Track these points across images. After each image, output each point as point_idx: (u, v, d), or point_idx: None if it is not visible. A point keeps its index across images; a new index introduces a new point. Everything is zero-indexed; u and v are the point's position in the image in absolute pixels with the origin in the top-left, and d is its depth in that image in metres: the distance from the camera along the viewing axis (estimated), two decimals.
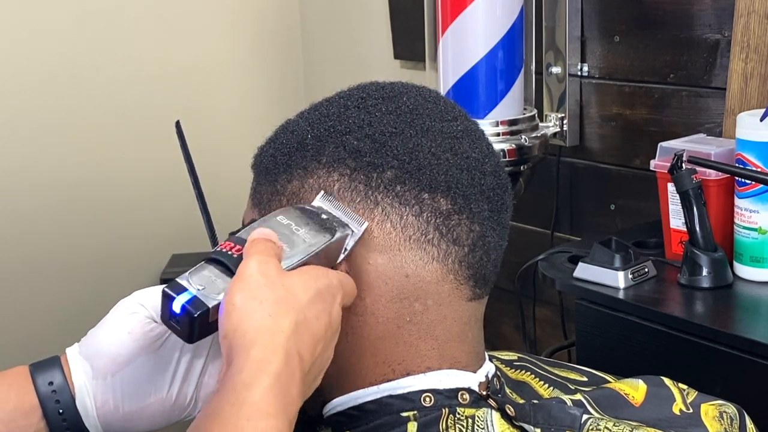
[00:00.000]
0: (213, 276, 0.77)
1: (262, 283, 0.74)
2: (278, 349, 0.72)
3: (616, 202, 1.77)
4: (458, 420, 0.82)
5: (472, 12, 1.60)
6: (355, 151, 0.83)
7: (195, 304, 0.76)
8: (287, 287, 0.75)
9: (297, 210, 0.83)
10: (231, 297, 0.74)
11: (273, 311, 0.73)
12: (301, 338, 0.74)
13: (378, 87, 0.88)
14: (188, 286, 0.76)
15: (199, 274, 0.77)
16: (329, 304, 0.77)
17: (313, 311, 0.75)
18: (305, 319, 0.74)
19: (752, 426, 0.95)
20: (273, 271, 0.75)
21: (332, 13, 2.33)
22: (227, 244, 0.79)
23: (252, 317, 0.72)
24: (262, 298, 0.73)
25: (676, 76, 1.64)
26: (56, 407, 0.81)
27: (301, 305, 0.75)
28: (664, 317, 1.24)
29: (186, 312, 0.76)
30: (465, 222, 0.83)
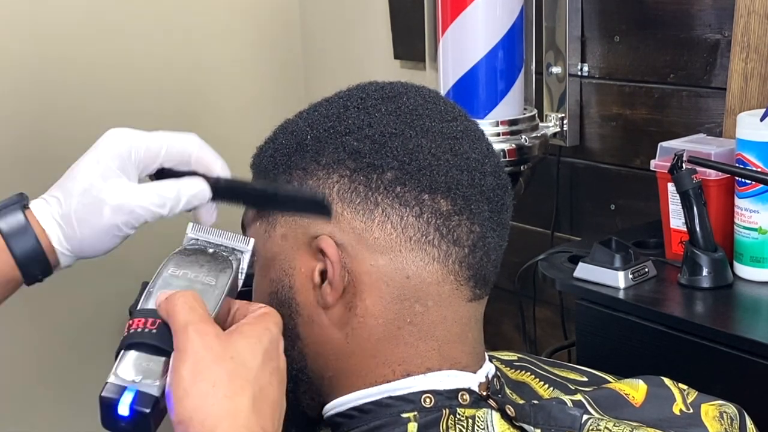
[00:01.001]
0: (143, 361, 0.73)
1: (209, 360, 0.71)
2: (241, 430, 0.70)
3: (616, 202, 1.77)
4: (458, 420, 0.83)
5: (472, 12, 1.59)
6: (355, 152, 0.83)
7: (142, 400, 0.71)
8: (236, 358, 0.72)
9: (182, 255, 0.80)
10: (179, 380, 0.70)
11: (228, 391, 0.70)
12: (261, 412, 0.72)
13: (378, 87, 0.88)
14: (124, 383, 0.71)
15: (126, 366, 0.72)
16: (276, 359, 0.76)
17: (266, 377, 0.73)
18: (261, 390, 0.73)
19: (752, 426, 0.95)
20: (215, 343, 0.72)
21: (332, 13, 2.33)
22: (137, 322, 0.74)
23: (207, 402, 0.70)
24: (214, 380, 0.70)
25: (676, 76, 1.64)
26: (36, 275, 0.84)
27: (254, 375, 0.72)
28: (664, 317, 1.24)
29: (136, 412, 0.71)
30: (465, 223, 0.83)
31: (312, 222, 0.84)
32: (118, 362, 0.73)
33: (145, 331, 0.73)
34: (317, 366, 0.86)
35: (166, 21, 2.25)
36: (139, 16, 2.20)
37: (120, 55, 2.18)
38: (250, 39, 2.37)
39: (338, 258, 0.82)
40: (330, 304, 0.83)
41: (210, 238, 0.82)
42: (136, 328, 0.74)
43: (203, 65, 2.32)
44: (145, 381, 0.72)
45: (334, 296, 0.83)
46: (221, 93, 2.35)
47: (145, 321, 0.74)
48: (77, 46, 2.13)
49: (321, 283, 0.83)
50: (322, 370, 0.86)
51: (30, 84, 2.10)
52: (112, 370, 0.73)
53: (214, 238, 0.82)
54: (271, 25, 2.39)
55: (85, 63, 2.14)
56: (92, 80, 2.15)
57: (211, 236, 0.82)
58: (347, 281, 0.83)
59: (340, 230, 0.83)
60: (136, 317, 0.75)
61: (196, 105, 2.30)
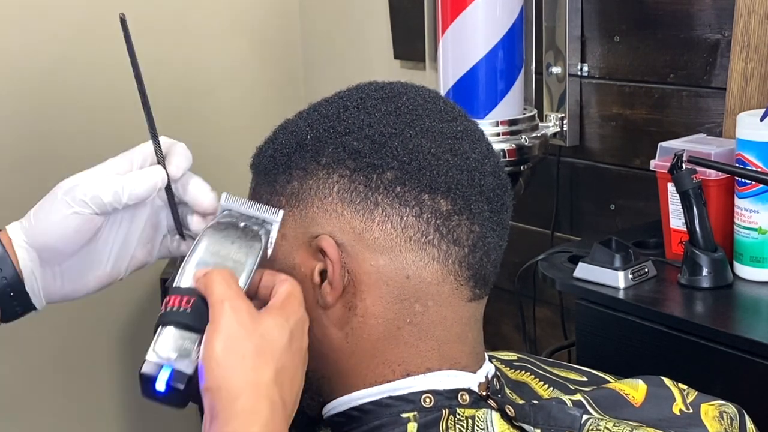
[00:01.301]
0: (179, 339, 0.78)
1: (241, 335, 0.76)
2: (263, 400, 0.75)
3: (616, 202, 1.77)
4: (458, 420, 0.83)
5: (472, 12, 1.59)
6: (355, 152, 0.83)
7: (177, 378, 0.77)
8: (264, 335, 0.77)
9: (215, 231, 0.83)
10: (212, 352, 0.75)
11: (254, 364, 0.75)
12: (282, 385, 0.77)
13: (377, 87, 0.88)
14: (161, 360, 0.77)
15: (164, 342, 0.77)
16: (300, 340, 0.80)
17: (289, 355, 0.78)
18: (284, 366, 0.77)
19: (752, 426, 0.95)
20: (247, 319, 0.77)
21: (332, 13, 2.33)
22: (174, 299, 0.79)
23: (235, 374, 0.75)
24: (243, 353, 0.75)
25: (676, 76, 1.64)
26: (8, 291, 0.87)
27: (280, 352, 0.77)
28: (664, 317, 1.24)
29: (172, 389, 0.77)
30: (465, 223, 0.83)
31: (312, 221, 0.84)
32: (156, 339, 0.78)
33: (181, 310, 0.78)
34: (317, 365, 0.86)
35: (166, 21, 2.24)
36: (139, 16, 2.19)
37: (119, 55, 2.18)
38: (250, 39, 2.37)
39: (338, 257, 0.82)
40: (330, 304, 0.83)
41: (241, 209, 0.85)
42: (172, 306, 0.79)
43: (203, 65, 2.32)
44: (180, 358, 0.77)
45: (333, 296, 0.83)
46: (221, 93, 2.35)
47: (181, 299, 0.79)
48: (77, 46, 2.13)
49: (321, 282, 0.83)
50: (322, 370, 0.86)
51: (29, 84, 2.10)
52: (150, 346, 0.78)
53: (245, 208, 0.84)
54: (271, 26, 2.39)
55: (84, 63, 2.14)
56: (92, 80, 2.15)
57: (243, 207, 0.85)
58: (347, 281, 0.83)
59: (340, 230, 0.83)
60: (172, 294, 0.79)
61: (195, 105, 2.30)
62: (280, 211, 0.84)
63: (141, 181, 0.86)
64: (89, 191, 0.85)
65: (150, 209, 0.90)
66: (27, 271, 0.87)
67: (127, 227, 0.90)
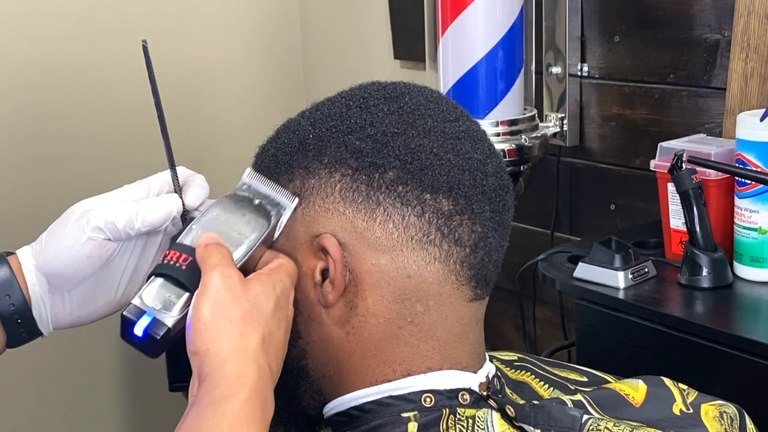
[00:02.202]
0: (166, 292, 0.80)
1: (228, 299, 0.78)
2: (251, 364, 0.76)
3: (616, 202, 1.77)
4: (459, 420, 0.83)
5: (472, 12, 1.59)
6: (357, 152, 0.83)
7: (155, 326, 0.79)
8: (251, 300, 0.79)
9: (230, 201, 0.85)
10: (200, 315, 0.77)
11: (242, 329, 0.77)
12: (268, 351, 0.78)
13: (380, 87, 0.88)
14: (144, 307, 0.79)
15: (151, 291, 0.80)
16: (285, 308, 0.81)
17: (274, 322, 0.80)
18: (270, 333, 0.79)
19: (752, 426, 0.95)
20: (237, 285, 0.79)
21: (332, 13, 2.33)
22: (172, 254, 0.81)
23: (223, 337, 0.76)
24: (231, 317, 0.77)
25: (676, 76, 1.64)
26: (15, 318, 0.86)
27: (266, 318, 0.79)
28: (664, 317, 1.24)
29: (148, 336, 0.79)
30: (467, 223, 0.83)
31: (314, 220, 0.84)
32: (145, 286, 0.80)
33: (176, 265, 0.80)
34: (318, 365, 0.86)
35: (166, 21, 2.24)
36: (139, 16, 2.20)
37: (119, 55, 2.18)
38: (250, 39, 2.37)
39: (340, 256, 0.82)
40: (331, 303, 0.83)
41: (260, 187, 0.86)
42: (169, 259, 0.81)
43: (203, 65, 2.32)
44: (163, 310, 0.79)
45: (335, 295, 0.83)
46: (221, 93, 2.35)
47: (179, 255, 0.81)
48: (76, 46, 2.13)
49: (322, 281, 0.84)
50: (323, 369, 0.86)
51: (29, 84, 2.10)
52: (138, 291, 0.80)
53: (264, 187, 0.86)
54: (271, 25, 2.39)
55: (84, 63, 2.14)
56: (92, 81, 2.15)
57: (262, 185, 0.86)
58: (348, 280, 0.83)
59: (342, 229, 0.83)
60: (173, 249, 0.82)
61: (196, 105, 2.30)
62: (295, 198, 0.85)
63: (156, 209, 0.86)
64: (103, 216, 0.85)
65: (163, 237, 0.90)
66: (36, 297, 0.87)
67: (139, 254, 0.90)
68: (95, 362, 2.25)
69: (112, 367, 2.27)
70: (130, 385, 2.31)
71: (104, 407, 2.28)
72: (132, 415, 2.33)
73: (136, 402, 2.32)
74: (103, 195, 0.87)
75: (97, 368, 2.25)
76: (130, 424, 2.33)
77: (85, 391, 2.25)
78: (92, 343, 2.22)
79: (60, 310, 0.89)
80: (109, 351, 2.26)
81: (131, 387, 2.31)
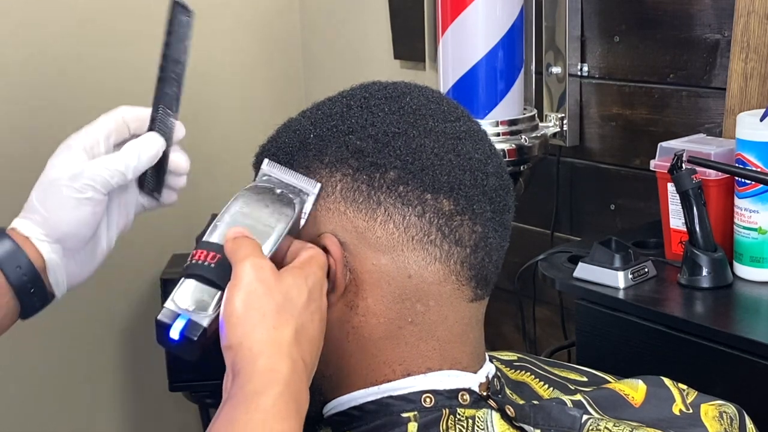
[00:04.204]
0: (198, 292, 0.79)
1: (261, 292, 0.76)
2: (284, 358, 0.75)
3: (616, 202, 1.77)
4: (458, 420, 0.83)
5: (472, 12, 1.59)
6: (358, 151, 0.83)
7: (191, 328, 0.78)
8: (284, 293, 0.77)
9: (251, 193, 0.84)
10: (232, 308, 0.76)
11: (275, 322, 0.76)
12: (301, 344, 0.77)
13: (381, 87, 0.88)
14: (178, 310, 0.78)
15: (183, 293, 0.79)
16: (318, 300, 0.80)
17: (308, 315, 0.78)
18: (303, 326, 0.78)
19: (752, 426, 0.95)
20: (269, 276, 0.77)
21: (332, 13, 2.33)
22: (200, 253, 0.80)
23: (256, 330, 0.75)
24: (264, 310, 0.76)
25: (676, 76, 1.64)
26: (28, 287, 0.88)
27: (299, 311, 0.78)
28: (664, 317, 1.24)
29: (185, 338, 0.78)
30: (467, 223, 0.83)
31: (315, 220, 0.84)
32: (177, 288, 0.79)
33: (205, 264, 0.79)
34: (318, 364, 0.86)
35: None
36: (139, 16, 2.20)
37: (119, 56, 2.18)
38: (250, 39, 2.37)
39: (341, 256, 0.82)
40: (331, 303, 0.83)
41: (281, 176, 0.85)
42: (198, 259, 0.80)
43: (203, 66, 2.32)
44: (198, 311, 0.78)
45: (335, 295, 0.83)
46: (221, 93, 2.35)
47: (207, 254, 0.80)
48: (76, 47, 2.13)
49: None
50: (323, 369, 0.86)
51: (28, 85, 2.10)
52: (170, 295, 0.79)
53: (285, 176, 0.85)
54: (271, 25, 2.39)
55: (84, 64, 2.14)
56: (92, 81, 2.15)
57: (283, 174, 0.85)
58: (349, 280, 0.83)
59: (343, 229, 0.83)
60: (200, 248, 0.80)
61: (196, 105, 2.29)
62: (317, 184, 0.84)
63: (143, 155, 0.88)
64: (96, 176, 0.87)
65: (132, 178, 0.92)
66: (53, 264, 0.89)
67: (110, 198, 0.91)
68: (95, 362, 2.25)
69: (112, 367, 2.27)
70: (130, 385, 2.31)
71: (104, 407, 2.28)
72: (132, 415, 2.33)
73: (136, 402, 2.32)
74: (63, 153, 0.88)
75: (97, 368, 2.25)
76: (130, 424, 2.33)
77: (85, 390, 2.25)
78: (92, 343, 2.22)
79: (73, 270, 0.91)
80: (110, 351, 2.26)
81: (131, 387, 2.31)
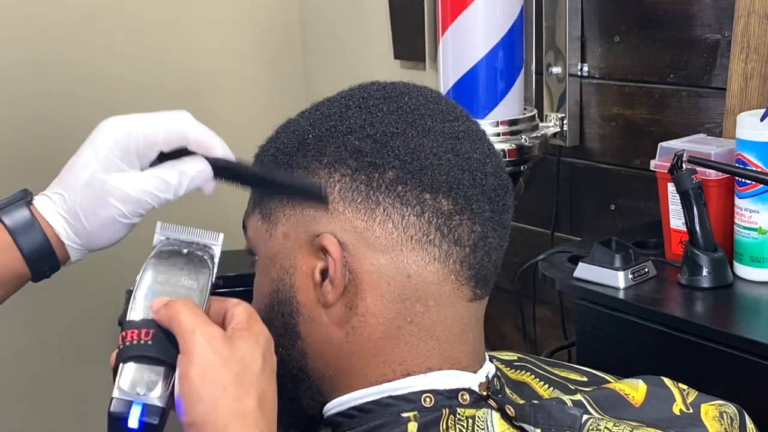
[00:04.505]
0: (144, 374, 0.75)
1: (218, 363, 0.74)
2: (251, 429, 0.74)
3: (616, 202, 1.77)
4: (458, 420, 0.83)
5: (472, 12, 1.59)
6: (357, 151, 0.83)
7: (150, 413, 0.74)
8: (240, 361, 0.75)
9: (160, 260, 0.81)
10: (190, 385, 0.74)
11: (237, 394, 0.74)
12: (265, 412, 0.76)
13: (380, 87, 0.88)
14: (130, 397, 0.75)
15: (127, 379, 0.75)
16: (271, 361, 0.79)
17: (265, 379, 0.77)
18: (263, 392, 0.76)
19: (752, 426, 0.95)
20: (222, 346, 0.75)
21: (332, 13, 2.33)
22: (131, 333, 0.77)
23: (219, 405, 0.73)
24: (224, 382, 0.74)
25: (676, 76, 1.64)
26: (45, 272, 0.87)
27: (257, 376, 0.76)
28: (664, 317, 1.24)
29: (146, 424, 0.74)
30: (466, 222, 0.83)
31: (314, 220, 0.84)
32: (120, 376, 0.75)
33: (141, 343, 0.76)
34: (317, 365, 0.86)
35: (166, 21, 2.25)
36: (139, 16, 2.20)
37: (119, 56, 2.18)
38: (250, 39, 2.37)
39: (340, 256, 0.82)
40: (331, 303, 0.83)
41: (181, 236, 0.83)
42: (131, 340, 0.76)
43: (203, 66, 2.32)
44: (150, 393, 0.75)
45: (334, 295, 0.83)
46: (221, 93, 2.35)
47: (139, 332, 0.76)
48: (77, 47, 2.13)
49: (322, 281, 0.83)
50: (323, 369, 0.86)
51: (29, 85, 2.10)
52: (115, 384, 0.75)
53: (184, 236, 0.83)
54: (271, 26, 2.39)
55: (84, 63, 2.14)
56: (91, 81, 2.15)
57: (181, 234, 0.83)
58: (348, 280, 0.83)
59: (342, 229, 0.83)
60: (128, 329, 0.77)
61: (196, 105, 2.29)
62: (220, 235, 0.83)
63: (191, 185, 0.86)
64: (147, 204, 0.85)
65: None
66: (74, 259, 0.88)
67: None
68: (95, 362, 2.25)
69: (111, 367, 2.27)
70: None
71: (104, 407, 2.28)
72: None
73: None
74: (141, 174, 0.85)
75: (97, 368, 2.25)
76: None
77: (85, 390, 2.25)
78: (92, 343, 2.22)
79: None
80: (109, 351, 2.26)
81: None
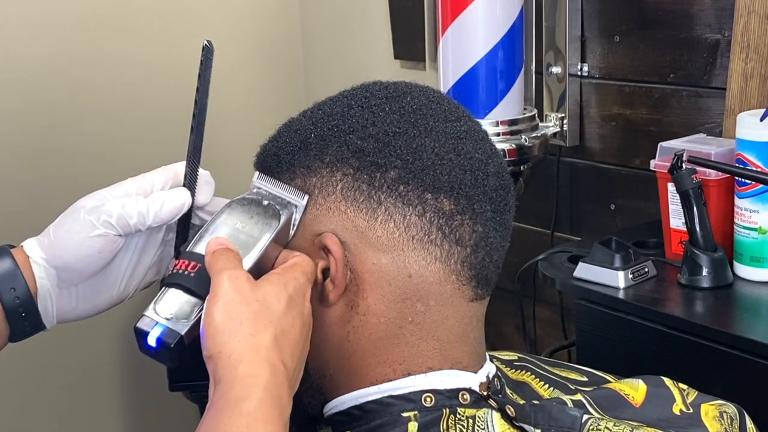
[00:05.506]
0: (178, 301, 0.81)
1: (237, 301, 0.77)
2: (263, 363, 0.76)
3: (616, 202, 1.77)
4: (459, 420, 0.83)
5: (472, 12, 1.60)
6: (359, 151, 0.83)
7: (168, 335, 0.80)
8: (261, 301, 0.78)
9: (238, 205, 0.85)
10: (211, 320, 0.77)
11: (253, 329, 0.77)
12: (281, 349, 0.77)
13: (382, 87, 0.88)
14: (157, 318, 0.80)
15: (163, 302, 0.81)
16: (300, 305, 0.81)
17: (288, 320, 0.79)
18: (282, 331, 0.78)
19: (752, 426, 0.95)
20: (246, 286, 0.78)
21: (332, 13, 2.33)
22: (182, 263, 0.82)
23: (234, 338, 0.76)
24: (241, 318, 0.77)
25: (676, 76, 1.64)
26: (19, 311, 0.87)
27: (277, 317, 0.78)
28: (664, 317, 1.24)
29: (162, 344, 0.80)
30: (468, 222, 0.84)
31: (315, 219, 0.84)
32: (158, 297, 0.81)
33: (185, 274, 0.81)
34: (318, 364, 0.86)
35: (166, 21, 2.24)
36: (139, 16, 2.20)
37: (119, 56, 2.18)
38: (251, 39, 2.37)
39: (342, 255, 0.82)
40: (332, 302, 0.83)
41: (270, 189, 0.86)
42: (178, 269, 0.82)
43: None
44: (176, 319, 0.80)
45: (336, 294, 0.83)
46: (221, 93, 2.34)
47: (188, 263, 0.81)
48: (76, 46, 2.13)
49: (323, 280, 0.84)
50: (323, 369, 0.86)
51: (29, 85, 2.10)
52: (151, 303, 0.81)
53: (273, 189, 0.86)
54: (271, 26, 2.39)
55: (84, 63, 2.14)
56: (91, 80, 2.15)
57: (272, 187, 0.86)
58: (349, 279, 0.83)
59: (343, 228, 0.83)
60: (182, 258, 0.82)
61: None
62: (305, 196, 0.84)
63: (167, 204, 0.86)
64: (115, 212, 0.85)
65: (165, 231, 0.90)
66: (43, 290, 0.87)
67: (141, 248, 0.90)
68: (95, 363, 2.25)
69: (113, 367, 2.27)
70: (130, 385, 2.31)
71: (104, 407, 2.28)
72: (132, 415, 2.33)
73: (136, 402, 2.32)
74: (108, 189, 0.87)
75: (97, 368, 2.25)
76: (130, 424, 2.33)
77: (86, 391, 2.25)
78: (92, 344, 2.22)
79: (66, 303, 0.89)
80: (110, 351, 2.26)
81: (131, 387, 2.31)
